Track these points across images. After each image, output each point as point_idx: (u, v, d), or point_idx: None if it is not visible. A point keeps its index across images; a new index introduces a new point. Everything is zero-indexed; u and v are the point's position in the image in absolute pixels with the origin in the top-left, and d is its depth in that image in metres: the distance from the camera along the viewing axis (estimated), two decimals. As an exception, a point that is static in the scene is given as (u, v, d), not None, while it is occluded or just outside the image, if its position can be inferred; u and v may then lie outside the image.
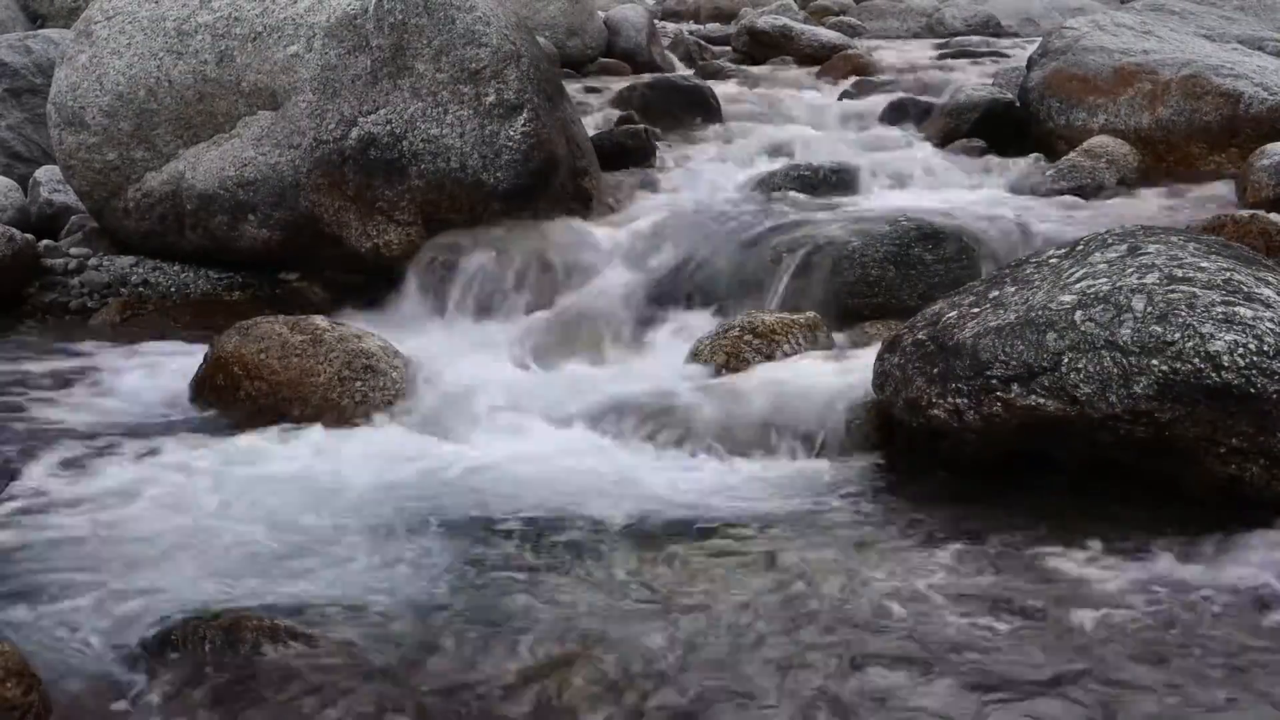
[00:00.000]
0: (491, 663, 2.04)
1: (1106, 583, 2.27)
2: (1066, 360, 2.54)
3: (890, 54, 9.25)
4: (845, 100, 7.21)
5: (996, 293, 2.83)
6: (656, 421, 2.97)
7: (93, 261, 4.32)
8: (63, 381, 3.51)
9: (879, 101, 6.79)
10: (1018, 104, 5.79)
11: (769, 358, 3.28)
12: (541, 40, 6.27)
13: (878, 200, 4.66)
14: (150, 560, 2.38)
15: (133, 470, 2.84)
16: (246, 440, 2.98)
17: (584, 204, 4.51)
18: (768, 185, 4.87)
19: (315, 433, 3.00)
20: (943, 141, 5.68)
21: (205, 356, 3.32)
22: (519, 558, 2.41)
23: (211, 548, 2.43)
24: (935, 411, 2.67)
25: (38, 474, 2.82)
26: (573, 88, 6.68)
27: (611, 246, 4.19)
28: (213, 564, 2.36)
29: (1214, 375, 2.42)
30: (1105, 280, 2.66)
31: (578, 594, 2.27)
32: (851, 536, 2.49)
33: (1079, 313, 2.59)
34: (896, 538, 2.49)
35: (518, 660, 2.05)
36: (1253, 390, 2.41)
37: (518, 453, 2.89)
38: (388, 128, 4.20)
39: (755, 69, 9.12)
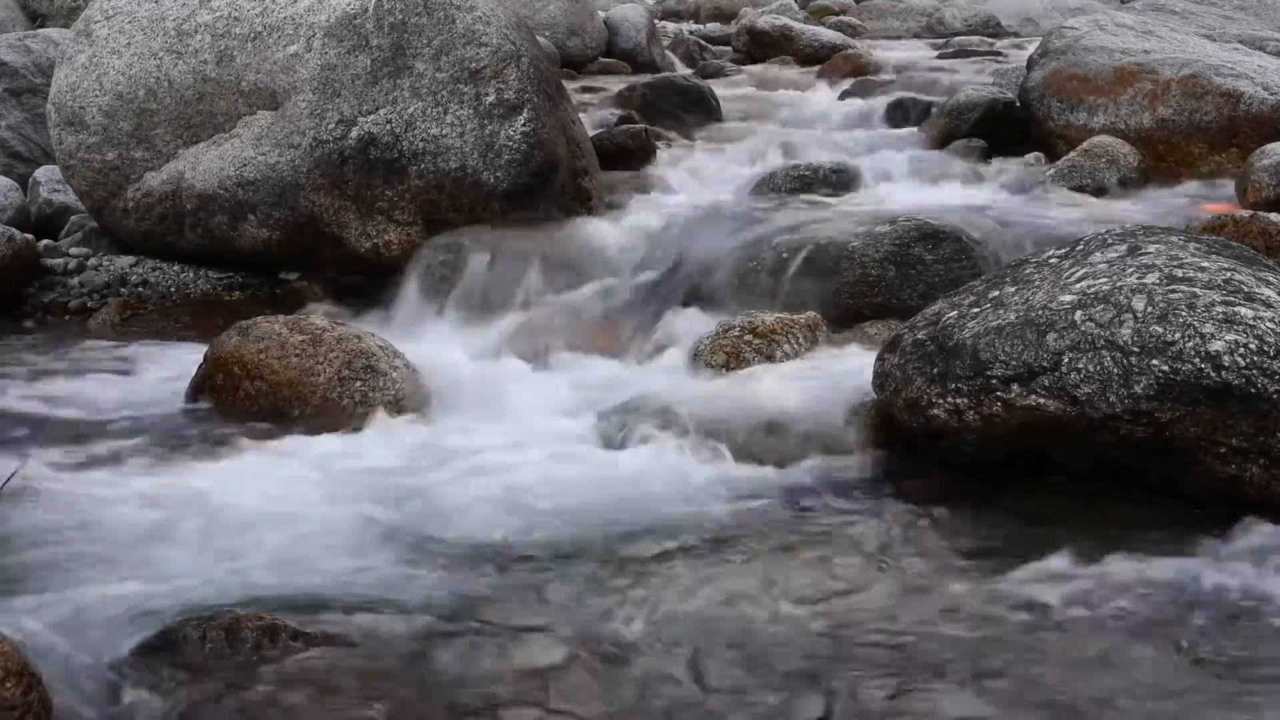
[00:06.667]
0: (492, 662, 2.04)
1: (1106, 583, 2.26)
2: (1066, 360, 2.54)
3: (890, 54, 9.25)
4: (845, 100, 7.21)
5: (996, 293, 2.83)
6: (655, 422, 2.96)
7: (92, 261, 4.32)
8: (62, 382, 3.51)
9: (879, 101, 6.79)
10: (1018, 104, 5.78)
11: (769, 358, 3.27)
12: (541, 40, 6.27)
13: (878, 200, 4.65)
14: (150, 559, 2.37)
15: (131, 470, 2.84)
16: (245, 440, 2.99)
17: (584, 204, 4.51)
18: (767, 185, 4.87)
19: (315, 433, 3.00)
20: (943, 141, 5.67)
21: (205, 356, 3.32)
22: (519, 557, 2.41)
23: (210, 547, 2.43)
24: (935, 411, 2.67)
25: (37, 474, 2.82)
26: (573, 88, 6.68)
27: (611, 246, 4.19)
28: (212, 563, 2.36)
29: (1214, 375, 2.42)
30: (1105, 280, 2.65)
31: (577, 594, 2.27)
32: (850, 537, 2.49)
33: (1079, 313, 2.59)
34: (895, 538, 2.49)
35: (518, 660, 2.05)
36: (1253, 390, 2.41)
37: (517, 453, 2.89)
38: (388, 127, 4.20)
39: (755, 69, 9.14)
